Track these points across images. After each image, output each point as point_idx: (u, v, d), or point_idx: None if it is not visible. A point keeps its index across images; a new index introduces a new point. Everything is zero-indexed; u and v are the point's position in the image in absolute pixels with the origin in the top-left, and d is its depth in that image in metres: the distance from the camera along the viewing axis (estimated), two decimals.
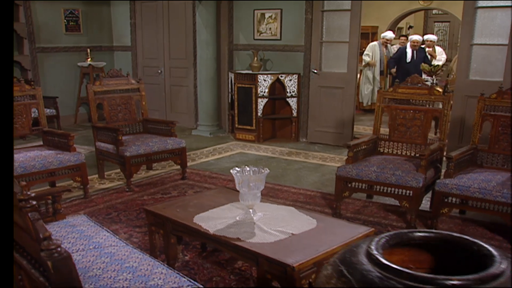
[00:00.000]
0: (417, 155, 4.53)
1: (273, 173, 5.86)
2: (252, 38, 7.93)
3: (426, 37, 9.96)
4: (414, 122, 4.65)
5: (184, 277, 2.38)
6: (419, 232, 1.36)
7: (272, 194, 5.08)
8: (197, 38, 8.07)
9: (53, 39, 8.73)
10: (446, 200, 3.97)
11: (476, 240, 1.28)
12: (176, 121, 5.78)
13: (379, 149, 4.84)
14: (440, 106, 4.52)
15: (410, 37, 9.37)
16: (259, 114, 7.44)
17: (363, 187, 4.35)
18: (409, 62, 8.93)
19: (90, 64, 8.92)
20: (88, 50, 9.03)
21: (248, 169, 3.23)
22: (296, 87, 7.43)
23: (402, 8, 12.53)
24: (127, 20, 9.39)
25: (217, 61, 8.08)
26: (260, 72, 7.44)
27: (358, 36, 6.92)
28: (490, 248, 1.23)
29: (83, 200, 4.91)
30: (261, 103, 7.42)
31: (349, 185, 4.39)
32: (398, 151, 4.74)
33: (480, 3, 6.00)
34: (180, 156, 5.57)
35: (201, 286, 2.33)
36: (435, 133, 7.64)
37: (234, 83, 7.66)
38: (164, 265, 2.51)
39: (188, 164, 6.06)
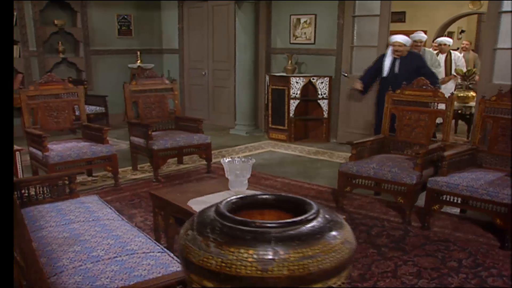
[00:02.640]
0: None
1: (294, 170, 6.18)
2: (288, 42, 8.27)
3: (439, 40, 8.72)
4: (419, 123, 4.83)
5: (158, 245, 2.76)
6: (262, 195, 1.67)
7: (286, 188, 5.40)
8: (236, 41, 8.49)
9: (107, 42, 9.42)
10: (437, 197, 4.15)
11: (307, 199, 1.59)
12: (202, 119, 6.22)
13: (386, 148, 5.05)
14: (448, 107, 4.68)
15: (392, 38, 6.36)
16: (291, 114, 7.76)
17: (363, 183, 4.59)
18: (386, 76, 6.16)
19: (139, 66, 9.54)
20: (138, 53, 9.66)
21: (237, 159, 3.58)
22: (327, 89, 7.70)
23: (451, 12, 12.44)
24: (175, 24, 9.96)
25: (255, 64, 8.47)
26: (292, 75, 7.76)
27: (387, 40, 7.08)
28: (314, 204, 1.53)
29: (113, 188, 5.41)
30: (293, 104, 7.74)
31: (351, 180, 4.64)
32: (403, 150, 4.93)
33: (505, 7, 6.05)
34: (205, 151, 5.99)
35: (168, 251, 2.70)
36: (467, 137, 7.67)
37: (269, 85, 8.02)
38: (145, 234, 2.91)
39: (218, 160, 6.47)
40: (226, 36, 9.10)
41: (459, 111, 7.62)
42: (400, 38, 6.20)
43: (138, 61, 9.64)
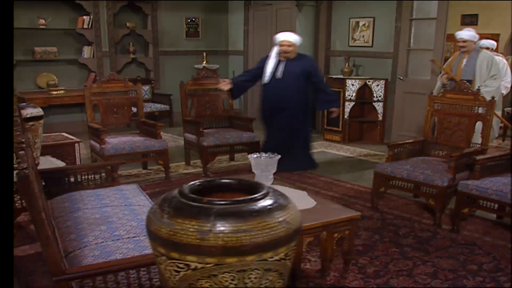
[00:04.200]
0: None
1: (340, 170, 6.29)
2: (347, 44, 8.35)
3: (480, 43, 6.77)
4: (459, 127, 4.81)
5: None
6: (222, 179, 1.86)
7: (326, 187, 5.53)
8: None
9: (175, 43, 9.90)
10: (467, 200, 4.14)
11: (262, 184, 1.76)
12: (253, 118, 6.46)
13: (426, 151, 5.05)
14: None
15: (277, 37, 5.60)
16: (345, 116, 7.84)
17: (397, 184, 4.64)
18: (267, 83, 5.58)
19: (204, 67, 9.93)
20: (204, 54, 10.07)
21: (264, 155, 3.78)
22: (383, 92, 7.71)
23: None
24: (241, 26, 10.28)
25: None
26: (348, 77, 7.83)
27: (443, 43, 7.02)
28: (266, 188, 1.71)
29: (163, 181, 5.77)
30: (348, 106, 7.82)
31: (386, 181, 4.71)
32: (443, 153, 4.92)
33: None
34: (254, 149, 6.22)
35: None
36: None
37: None
38: None
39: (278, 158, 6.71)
40: None
41: None
42: (290, 37, 5.45)
43: (204, 62, 10.04)
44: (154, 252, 1.66)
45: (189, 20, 10.09)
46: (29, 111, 4.12)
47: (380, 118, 7.81)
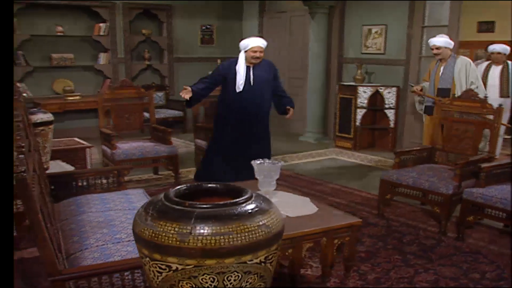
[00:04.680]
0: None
1: (350, 177, 6.30)
2: (359, 52, 8.36)
3: (491, 48, 6.79)
4: (466, 134, 4.79)
5: None
6: (209, 184, 1.90)
7: (334, 194, 5.54)
8: (309, 51, 8.72)
9: (189, 50, 10.00)
10: (472, 208, 4.12)
11: (246, 189, 1.80)
12: None
13: (434, 158, 5.04)
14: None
15: (247, 43, 5.29)
16: (357, 123, 7.84)
17: (403, 191, 4.64)
18: (241, 91, 5.18)
19: None
20: (218, 61, 10.13)
21: (267, 161, 3.81)
22: (394, 99, 7.70)
23: None
24: (256, 33, 10.34)
25: (326, 72, 8.65)
26: (360, 84, 7.84)
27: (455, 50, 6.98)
28: (250, 193, 1.75)
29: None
30: (360, 113, 7.82)
31: (391, 188, 4.71)
32: (450, 161, 4.91)
33: None
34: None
35: None
36: None
37: (337, 94, 8.16)
38: None
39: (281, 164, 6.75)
40: (301, 45, 9.34)
41: None
42: (261, 42, 5.21)
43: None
44: (139, 254, 1.71)
45: (203, 27, 10.20)
46: (40, 116, 4.22)
47: (392, 125, 7.79)
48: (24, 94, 8.06)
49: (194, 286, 1.59)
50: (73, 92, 8.58)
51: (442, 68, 5.89)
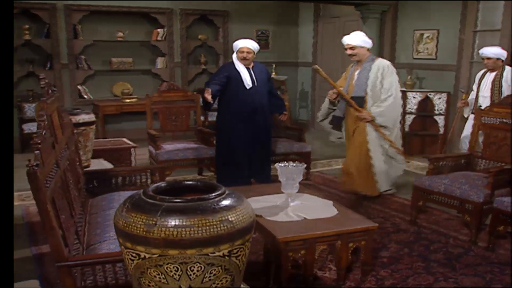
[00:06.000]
0: None
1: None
2: (411, 57, 8.24)
3: (481, 52, 5.79)
4: (505, 141, 4.66)
5: None
6: (187, 181, 2.02)
7: (371, 199, 5.52)
8: None
9: None
10: (502, 218, 4.02)
11: (220, 186, 1.91)
12: (304, 129, 6.57)
13: (472, 166, 4.93)
14: None
15: (236, 43, 5.44)
16: (405, 129, 7.73)
17: (435, 198, 4.58)
18: (247, 90, 5.28)
19: (273, 78, 10.15)
20: (273, 65, 10.29)
21: (291, 164, 3.89)
22: (444, 105, 7.53)
23: None
24: (311, 39, 10.43)
25: None
26: (409, 90, 7.73)
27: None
28: (223, 190, 1.85)
29: None
30: (409, 119, 7.71)
31: (424, 195, 4.65)
32: (486, 169, 4.78)
33: None
34: (304, 159, 6.32)
35: None
36: None
37: None
38: None
39: (321, 168, 6.81)
40: None
41: None
42: (249, 44, 5.20)
43: (273, 73, 10.26)
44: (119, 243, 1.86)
45: (259, 32, 10.37)
46: (82, 117, 4.52)
47: (442, 131, 7.62)
48: (85, 97, 8.55)
49: (160, 273, 1.72)
50: (131, 95, 8.98)
51: (357, 72, 5.25)
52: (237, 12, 9.97)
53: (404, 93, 7.70)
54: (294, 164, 3.86)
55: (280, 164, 3.84)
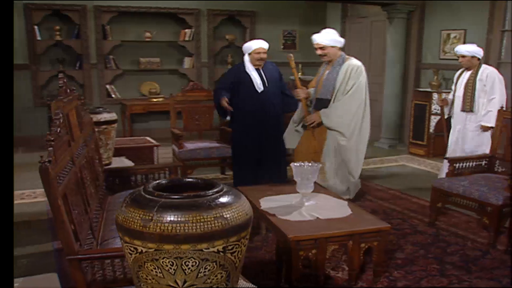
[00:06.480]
0: None
1: (413, 185, 6.19)
2: (437, 57, 8.14)
3: (456, 49, 5.69)
4: None
5: None
6: (187, 178, 2.06)
7: (391, 200, 5.50)
8: (386, 56, 8.63)
9: (271, 54, 10.03)
10: None
11: (219, 183, 1.95)
12: None
13: (494, 168, 4.86)
14: None
15: (250, 45, 5.25)
16: (430, 130, 7.66)
17: (453, 200, 4.53)
18: (261, 92, 5.18)
19: (299, 78, 10.14)
20: (300, 65, 10.29)
21: (306, 164, 3.91)
22: None
23: None
24: None
25: (403, 78, 8.52)
26: (434, 90, 7.65)
27: None
28: (222, 187, 1.90)
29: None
30: (434, 120, 7.63)
31: (442, 196, 4.61)
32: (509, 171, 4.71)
33: None
34: None
35: None
36: None
37: (412, 100, 8.01)
38: None
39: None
40: (381, 51, 9.24)
41: None
42: (264, 44, 5.07)
43: (299, 73, 10.26)
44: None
45: (286, 33, 10.40)
46: (104, 116, 4.63)
47: None
48: (113, 96, 8.72)
49: (156, 267, 1.78)
50: (158, 94, 9.12)
51: (327, 73, 5.03)
52: (265, 13, 10.02)
53: (429, 94, 7.63)
54: (309, 164, 3.88)
55: (295, 164, 3.87)
